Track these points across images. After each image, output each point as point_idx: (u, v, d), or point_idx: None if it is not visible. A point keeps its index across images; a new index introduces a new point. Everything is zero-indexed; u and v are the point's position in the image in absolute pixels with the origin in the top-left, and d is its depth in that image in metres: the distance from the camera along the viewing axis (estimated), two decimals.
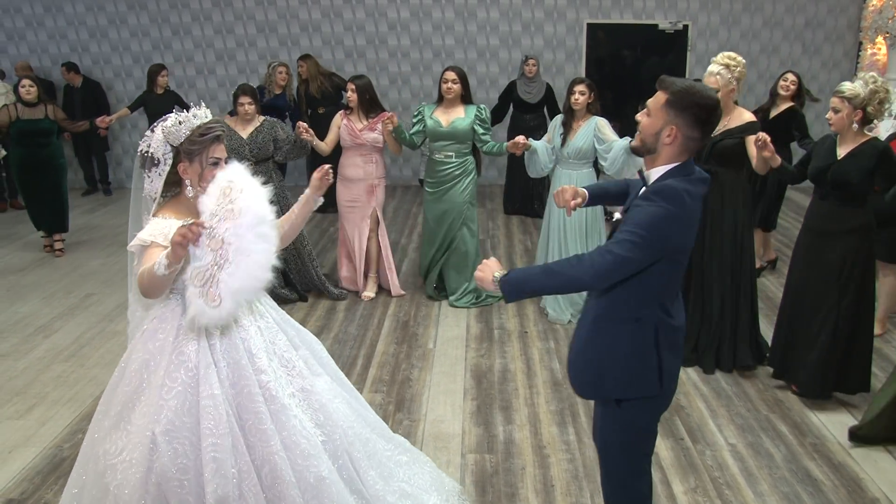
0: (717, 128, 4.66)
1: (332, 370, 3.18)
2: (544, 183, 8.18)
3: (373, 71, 10.70)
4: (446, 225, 6.12)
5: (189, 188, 2.79)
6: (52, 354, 5.36)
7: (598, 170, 6.09)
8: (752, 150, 4.61)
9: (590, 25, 10.53)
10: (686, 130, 2.44)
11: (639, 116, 2.57)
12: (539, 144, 5.82)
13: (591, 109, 5.72)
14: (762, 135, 4.37)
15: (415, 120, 6.10)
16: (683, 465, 3.90)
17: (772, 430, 4.25)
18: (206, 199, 2.59)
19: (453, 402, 4.61)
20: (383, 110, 6.16)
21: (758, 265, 6.24)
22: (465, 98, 5.98)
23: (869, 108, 4.14)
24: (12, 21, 10.83)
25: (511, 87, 8.84)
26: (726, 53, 4.76)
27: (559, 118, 5.86)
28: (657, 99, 2.49)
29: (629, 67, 10.80)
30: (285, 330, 3.00)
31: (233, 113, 6.20)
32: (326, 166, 3.15)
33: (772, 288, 6.43)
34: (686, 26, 10.45)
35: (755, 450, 4.04)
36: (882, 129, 5.80)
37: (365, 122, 6.10)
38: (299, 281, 6.35)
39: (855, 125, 4.19)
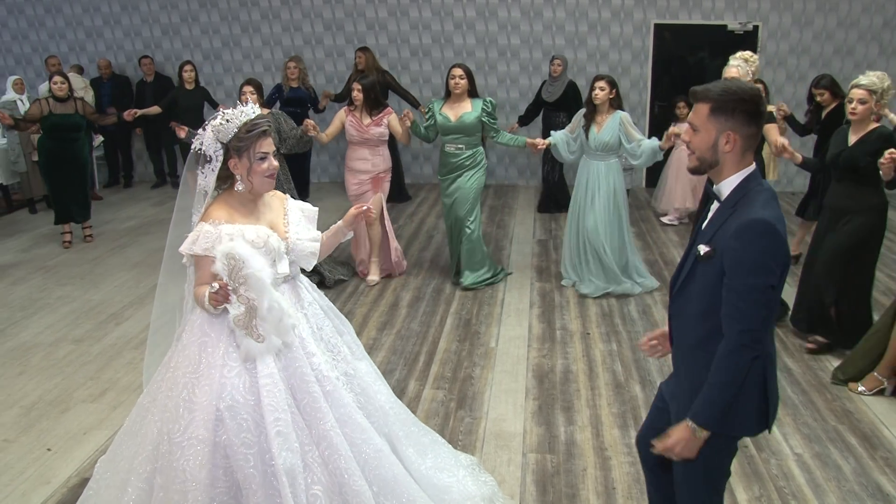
0: None
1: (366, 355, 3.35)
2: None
3: (437, 69, 10.76)
4: (454, 212, 6.49)
5: (239, 183, 2.91)
6: (123, 342, 5.53)
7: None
8: (771, 137, 5.09)
9: (657, 26, 10.41)
10: (743, 130, 2.37)
11: (684, 136, 2.52)
12: (559, 138, 6.34)
13: (613, 104, 6.11)
14: (778, 147, 4.87)
15: (427, 116, 6.51)
16: (748, 473, 3.84)
17: (840, 441, 4.15)
18: (217, 265, 2.75)
19: (515, 401, 4.62)
20: (387, 107, 6.64)
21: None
22: (472, 92, 6.33)
23: (883, 101, 4.79)
24: (91, 19, 11.21)
25: (541, 87, 9.15)
26: (742, 52, 5.43)
27: (582, 111, 6.27)
28: (699, 113, 2.41)
29: (696, 69, 10.63)
30: (330, 317, 3.17)
31: None
32: (366, 207, 3.26)
33: None
34: (756, 27, 10.24)
35: (822, 461, 3.96)
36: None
37: (370, 119, 6.52)
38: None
39: (874, 115, 4.81)
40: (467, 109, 6.27)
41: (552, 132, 6.55)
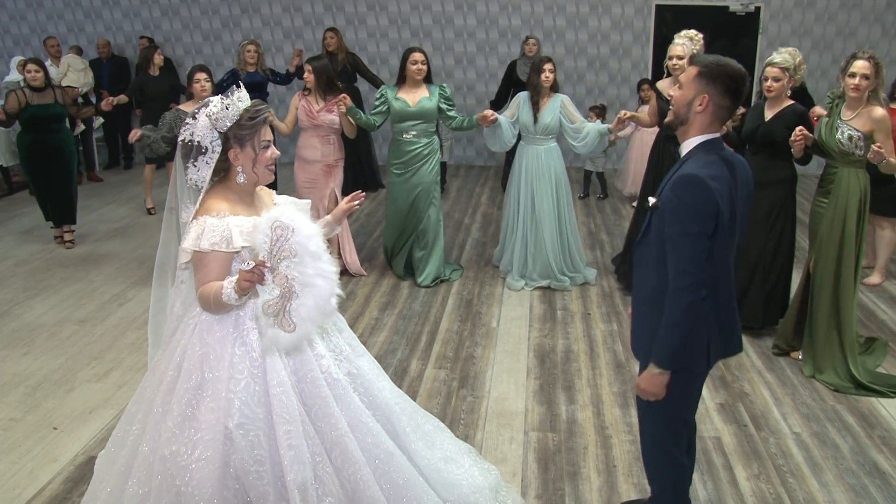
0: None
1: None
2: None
3: (438, 51, 10.74)
4: (416, 205, 6.20)
5: (241, 175, 2.73)
6: (127, 322, 5.56)
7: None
8: None
9: (658, 7, 10.38)
10: (717, 99, 2.60)
11: (671, 91, 2.75)
12: (503, 119, 6.05)
13: (554, 87, 6.01)
14: None
15: (377, 102, 6.13)
16: (747, 452, 3.89)
17: (838, 420, 4.20)
18: (259, 237, 2.54)
19: (516, 380, 4.66)
20: (341, 92, 6.17)
21: None
22: (427, 78, 6.08)
23: (797, 76, 4.94)
24: (90, 0, 11.17)
25: (511, 68, 8.90)
26: (687, 31, 5.63)
27: (524, 95, 6.07)
28: (688, 73, 2.68)
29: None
30: None
31: (191, 95, 6.04)
32: (361, 194, 3.16)
33: None
34: (758, 8, 10.22)
35: (820, 439, 4.01)
36: None
37: (322, 104, 6.14)
38: None
39: (788, 91, 4.93)
40: (426, 95, 6.01)
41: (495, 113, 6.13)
